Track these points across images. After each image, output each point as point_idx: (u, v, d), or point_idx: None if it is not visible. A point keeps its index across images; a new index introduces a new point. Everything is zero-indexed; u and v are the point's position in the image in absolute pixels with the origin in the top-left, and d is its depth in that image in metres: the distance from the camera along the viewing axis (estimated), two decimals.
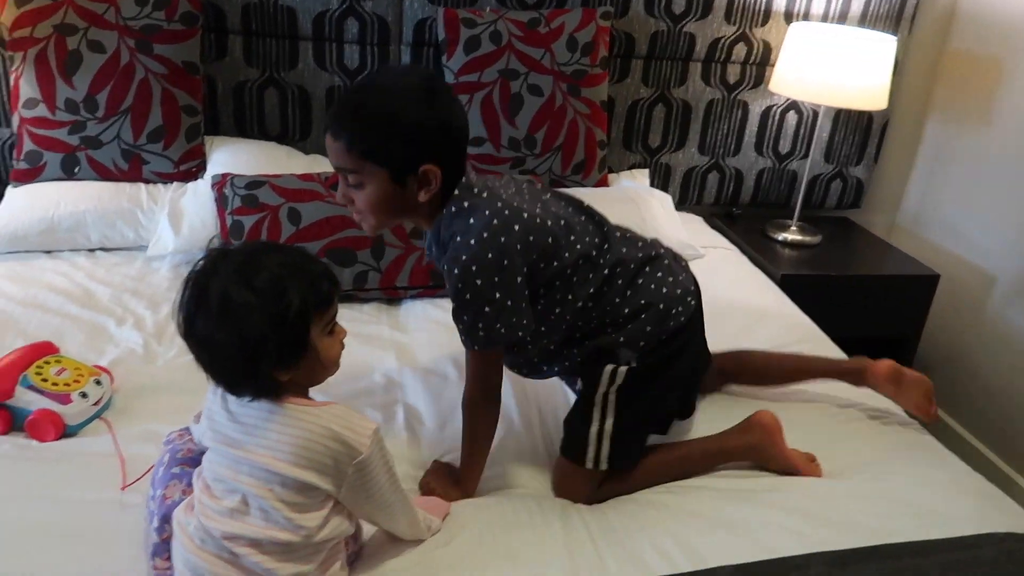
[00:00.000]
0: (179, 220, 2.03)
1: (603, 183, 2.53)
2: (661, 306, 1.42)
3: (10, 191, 2.13)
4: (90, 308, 1.82)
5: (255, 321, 0.98)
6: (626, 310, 1.41)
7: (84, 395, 1.44)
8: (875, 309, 2.47)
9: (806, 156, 2.75)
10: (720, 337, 1.69)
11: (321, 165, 2.27)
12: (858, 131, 2.75)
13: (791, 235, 2.62)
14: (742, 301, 2.13)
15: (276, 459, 1.01)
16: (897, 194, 2.94)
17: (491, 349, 1.34)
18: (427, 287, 1.99)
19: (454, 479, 1.38)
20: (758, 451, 1.47)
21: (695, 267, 2.22)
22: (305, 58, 2.33)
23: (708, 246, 2.43)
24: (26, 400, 1.41)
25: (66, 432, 1.41)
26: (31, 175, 2.14)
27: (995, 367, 2.49)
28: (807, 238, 2.61)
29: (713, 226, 2.67)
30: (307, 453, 1.01)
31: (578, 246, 1.39)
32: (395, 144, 1.23)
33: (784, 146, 2.74)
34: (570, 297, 1.38)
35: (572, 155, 2.42)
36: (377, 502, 1.08)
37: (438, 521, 1.23)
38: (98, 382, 1.48)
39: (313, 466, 1.01)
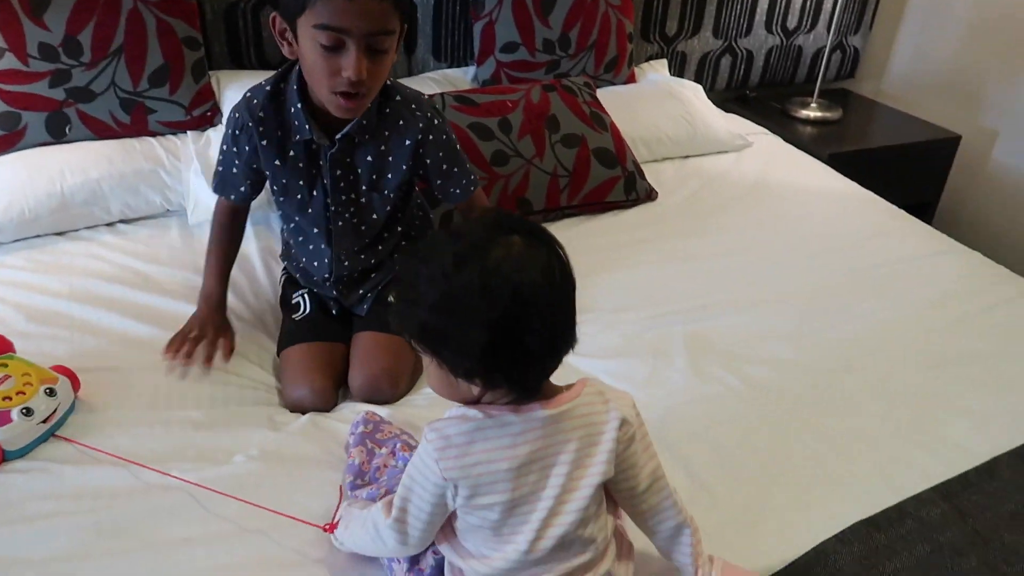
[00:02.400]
0: None
1: (632, 79, 2.39)
2: None
3: None
4: (147, 288, 1.55)
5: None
6: None
7: (27, 412, 1.14)
8: (908, 177, 2.52)
9: (812, 29, 2.70)
10: (788, 222, 1.84)
11: None
12: None
13: (812, 112, 2.59)
14: (807, 185, 2.11)
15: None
16: (883, 60, 2.97)
17: None
18: None
19: None
20: None
21: (745, 157, 2.24)
22: None
23: (748, 133, 2.37)
24: None
25: (5, 458, 1.13)
26: (8, 142, 1.76)
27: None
28: (828, 114, 2.60)
29: (728, 110, 2.60)
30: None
31: None
32: None
33: (791, 21, 2.67)
34: None
35: (605, 52, 2.26)
36: None
37: None
38: (50, 391, 1.18)
39: None
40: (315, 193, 1.38)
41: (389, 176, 1.38)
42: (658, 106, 2.23)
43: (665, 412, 1.28)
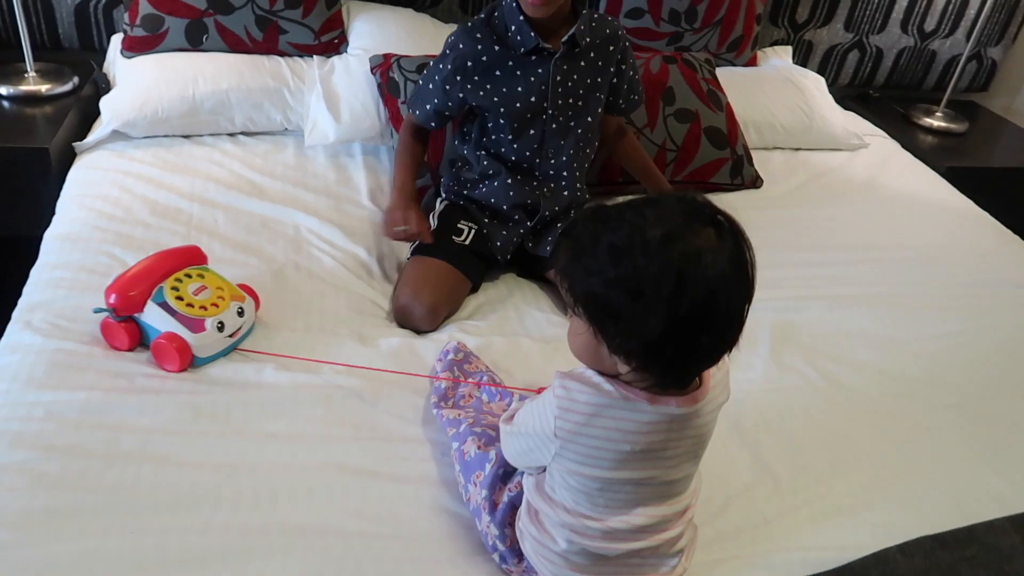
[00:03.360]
0: (336, 103, 1.80)
1: (753, 62, 2.34)
2: None
3: (126, 63, 1.85)
4: (261, 199, 1.63)
5: None
6: None
7: (220, 326, 1.19)
8: None
9: (950, 34, 2.58)
10: (893, 228, 1.84)
11: None
12: (1004, 8, 2.57)
13: (937, 121, 2.48)
14: (919, 194, 2.05)
15: None
16: (1021, 76, 2.81)
17: None
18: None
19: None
20: None
21: (858, 157, 2.18)
22: None
23: (865, 133, 2.30)
24: (156, 318, 1.19)
25: (192, 364, 1.19)
26: (150, 44, 1.85)
27: None
28: (953, 125, 2.48)
29: (847, 107, 2.51)
30: None
31: None
32: None
33: (930, 23, 2.56)
34: None
35: (731, 30, 2.22)
36: None
37: None
38: (240, 311, 1.24)
39: None
40: (533, 99, 1.50)
41: (599, 80, 1.54)
42: (776, 93, 2.19)
43: (743, 396, 1.29)
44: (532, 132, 1.53)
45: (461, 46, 1.48)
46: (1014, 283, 1.72)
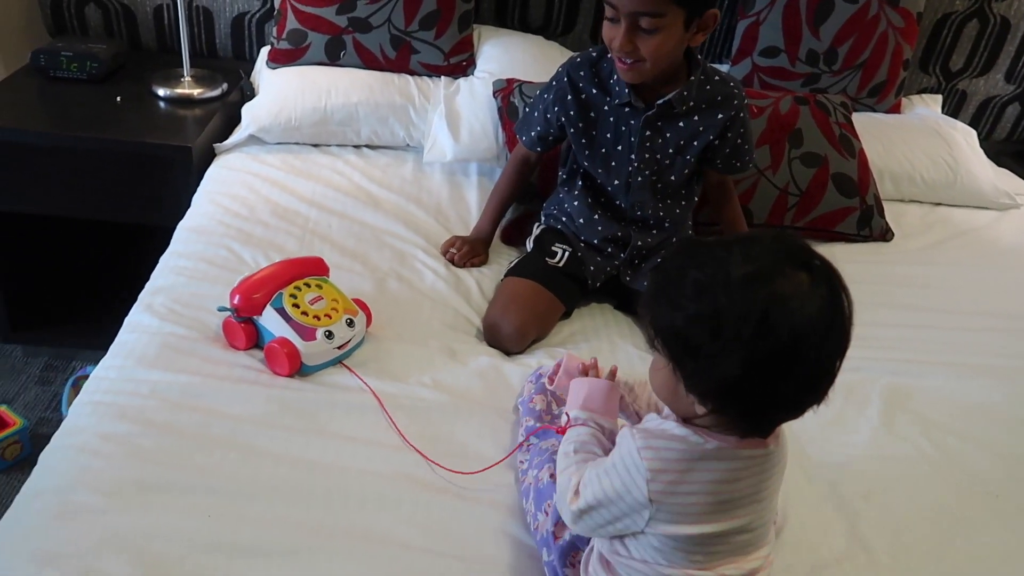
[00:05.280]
0: (456, 123, 1.84)
1: (896, 109, 2.21)
2: None
3: (270, 73, 1.97)
4: (375, 209, 1.68)
5: None
6: None
7: (329, 335, 1.22)
8: None
9: None
10: None
11: None
12: None
13: None
14: None
15: None
16: None
17: None
18: None
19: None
20: None
21: (1007, 219, 2.01)
22: None
23: (1018, 192, 2.12)
24: (272, 322, 1.23)
25: (300, 371, 1.22)
26: (292, 56, 1.97)
27: None
28: None
29: (1001, 164, 2.32)
30: None
31: None
32: None
33: None
34: None
35: (873, 75, 2.11)
36: None
37: None
38: (350, 322, 1.26)
39: None
40: (619, 148, 1.50)
41: (695, 144, 1.49)
42: (919, 143, 2.05)
43: (846, 460, 1.21)
44: (618, 181, 1.51)
45: (566, 78, 1.49)
46: None
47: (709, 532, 0.83)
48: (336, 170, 1.80)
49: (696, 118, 1.47)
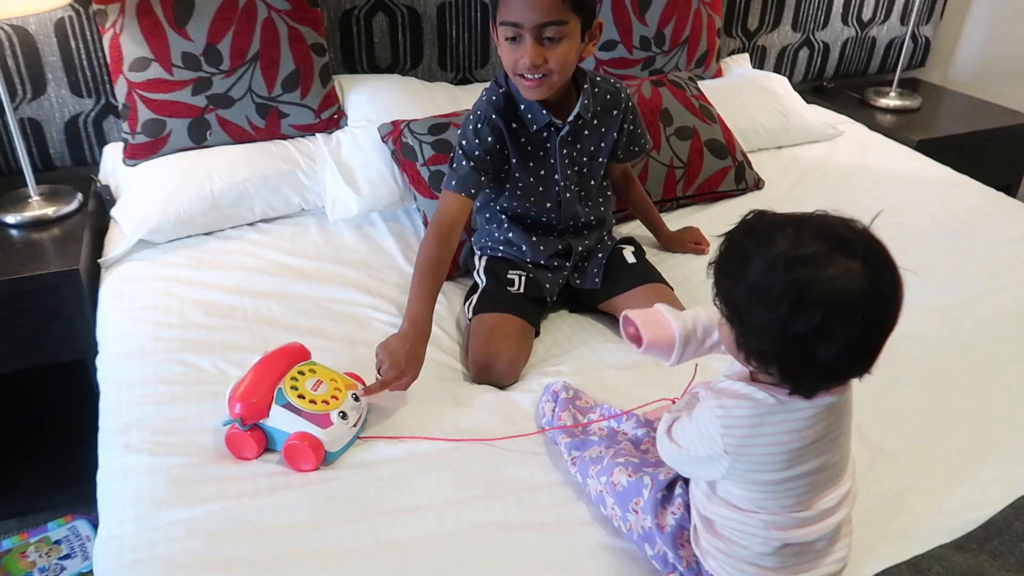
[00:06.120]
0: (352, 176, 1.82)
1: (718, 74, 2.46)
2: None
3: (129, 171, 1.83)
4: (306, 280, 1.62)
5: None
6: None
7: (343, 416, 1.18)
8: (989, 162, 2.57)
9: (885, 20, 2.77)
10: (899, 203, 1.93)
11: (461, 95, 2.08)
12: None
13: (892, 101, 2.65)
14: (904, 171, 2.18)
15: None
16: (951, 48, 3.02)
17: None
18: None
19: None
20: None
21: (838, 146, 2.30)
22: None
23: (833, 122, 2.43)
24: (281, 420, 1.17)
25: (325, 460, 1.17)
26: (153, 148, 1.84)
27: None
28: (908, 102, 2.65)
29: (808, 101, 2.65)
30: None
31: None
32: None
33: (866, 13, 2.74)
34: None
35: (696, 48, 2.33)
36: None
37: None
38: (355, 397, 1.23)
39: None
40: (543, 173, 1.55)
41: (603, 145, 1.58)
42: (751, 99, 2.30)
43: None
44: (549, 204, 1.57)
45: (481, 114, 1.48)
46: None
47: (787, 476, 0.91)
48: (245, 252, 1.72)
49: (597, 122, 1.56)
